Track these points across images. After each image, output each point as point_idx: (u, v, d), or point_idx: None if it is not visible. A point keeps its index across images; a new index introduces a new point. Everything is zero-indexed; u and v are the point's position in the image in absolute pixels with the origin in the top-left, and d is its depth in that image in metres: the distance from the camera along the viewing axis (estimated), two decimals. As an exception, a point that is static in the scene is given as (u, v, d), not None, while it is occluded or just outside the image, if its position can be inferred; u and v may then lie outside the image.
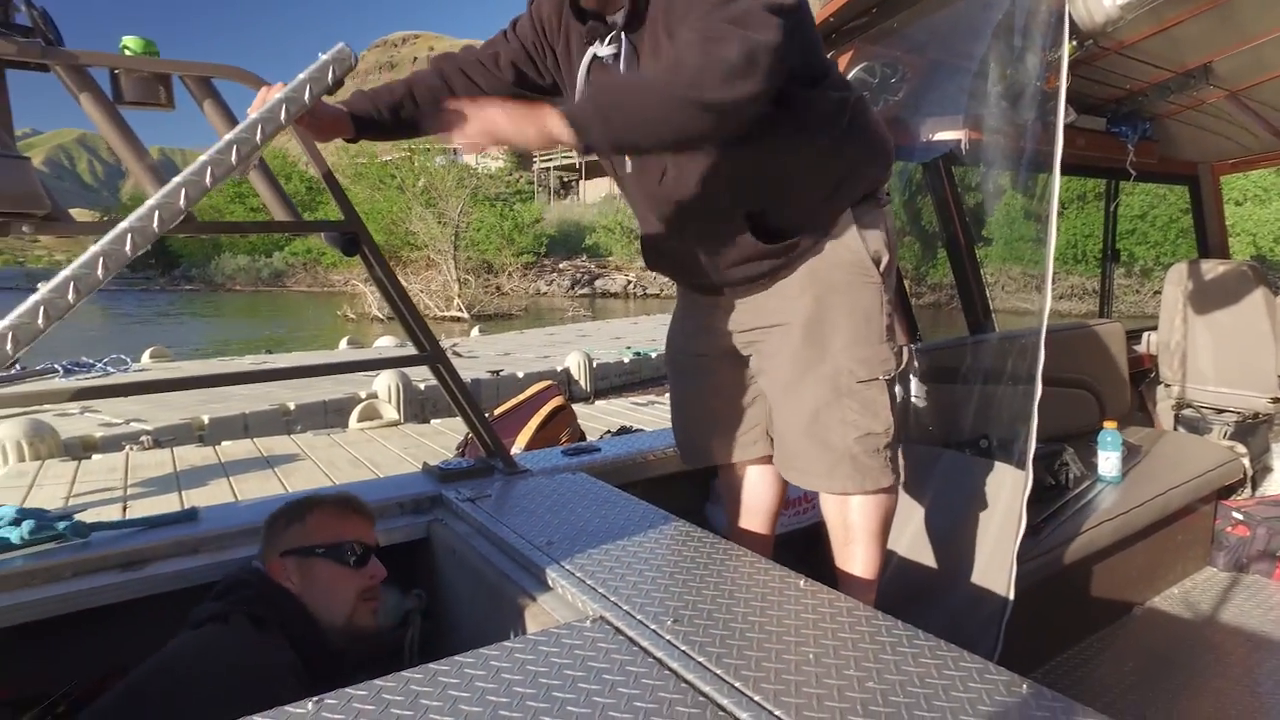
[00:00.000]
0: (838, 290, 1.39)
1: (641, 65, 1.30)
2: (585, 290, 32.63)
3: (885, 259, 1.42)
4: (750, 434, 1.59)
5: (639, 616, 1.04)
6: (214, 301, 31.26)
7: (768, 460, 1.61)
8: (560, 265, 34.34)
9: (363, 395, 7.19)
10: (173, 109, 1.39)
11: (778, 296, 1.44)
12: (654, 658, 0.95)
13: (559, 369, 9.41)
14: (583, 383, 9.41)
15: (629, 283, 31.92)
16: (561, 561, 1.23)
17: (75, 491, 4.56)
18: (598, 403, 7.87)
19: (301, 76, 1.08)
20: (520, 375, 8.92)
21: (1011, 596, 1.61)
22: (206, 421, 6.30)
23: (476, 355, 10.85)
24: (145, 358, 10.75)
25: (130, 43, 1.32)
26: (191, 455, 5.37)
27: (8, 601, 1.18)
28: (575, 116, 1.11)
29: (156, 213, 0.91)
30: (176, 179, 0.94)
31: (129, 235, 0.89)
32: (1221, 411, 3.13)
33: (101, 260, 0.86)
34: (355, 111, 1.43)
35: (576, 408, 4.36)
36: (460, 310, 22.34)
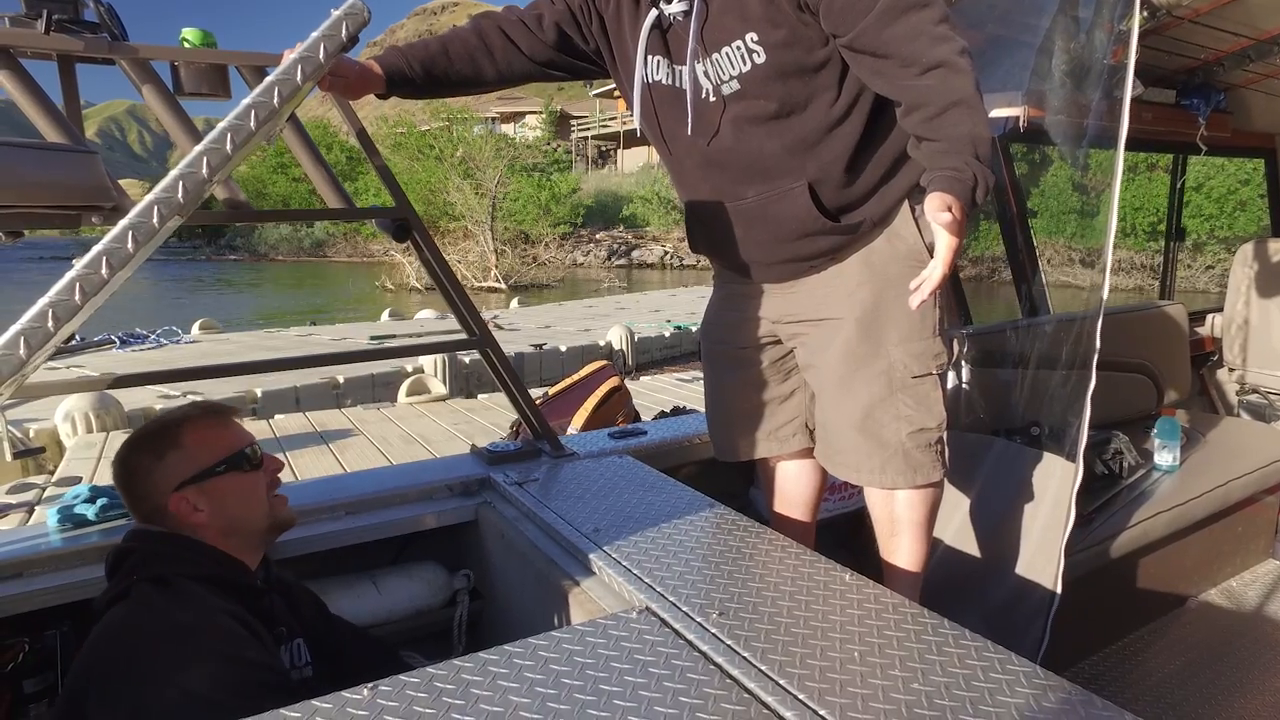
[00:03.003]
0: (893, 284, 1.36)
1: (711, 20, 1.28)
2: (622, 261, 32.54)
3: None
4: (788, 427, 1.58)
5: (684, 608, 1.06)
6: (258, 271, 31.90)
7: (807, 453, 1.60)
8: (597, 235, 34.25)
9: (409, 369, 7.33)
10: (229, 99, 1.42)
11: (828, 289, 1.42)
12: (699, 651, 0.96)
13: (601, 343, 9.44)
14: (625, 356, 9.44)
15: (665, 254, 31.72)
16: (607, 549, 1.24)
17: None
18: (642, 378, 7.89)
19: (315, 34, 1.07)
20: (563, 349, 8.99)
21: (1059, 590, 1.59)
22: (259, 394, 6.49)
23: (518, 328, 10.95)
24: (195, 329, 11.05)
25: (189, 34, 1.34)
26: (247, 428, 5.54)
27: (86, 575, 1.26)
28: (962, 178, 1.12)
29: (180, 183, 0.92)
30: (197, 148, 0.93)
31: (155, 207, 0.90)
32: None
33: (131, 234, 0.87)
34: (387, 68, 1.41)
35: (618, 383, 4.38)
36: (497, 281, 22.49)
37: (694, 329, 10.61)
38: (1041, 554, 1.67)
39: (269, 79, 0.99)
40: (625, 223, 34.60)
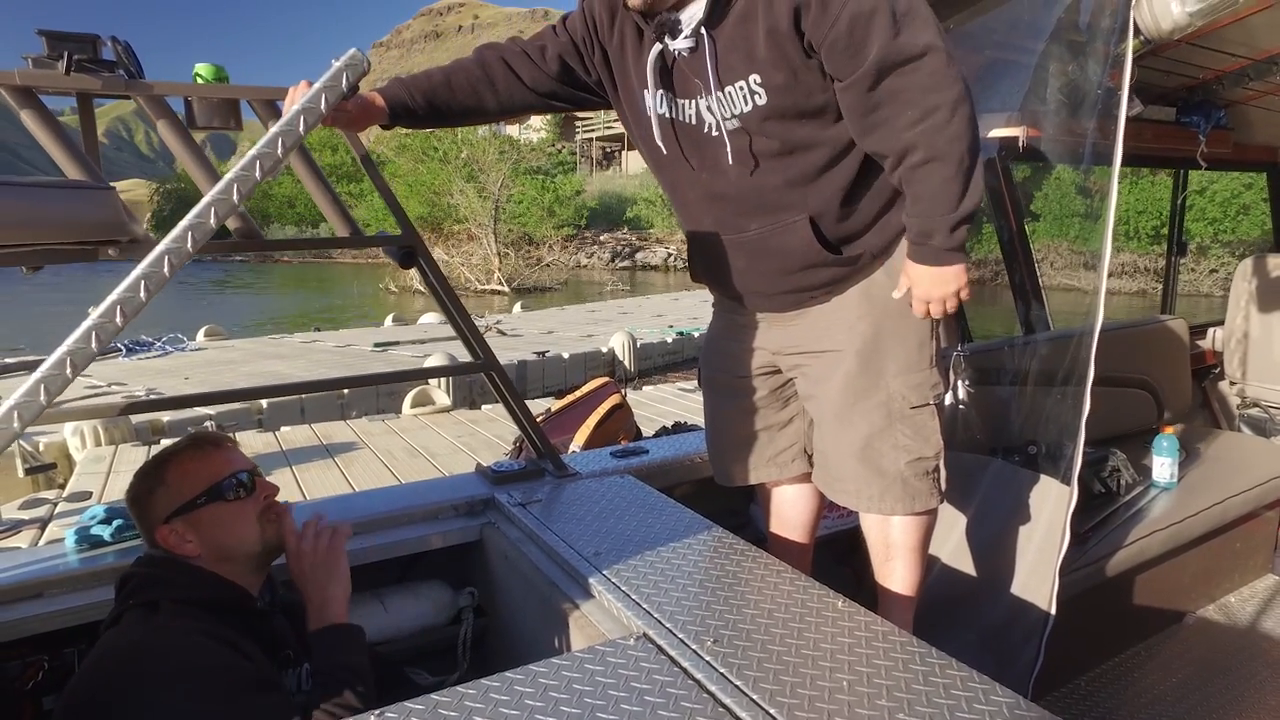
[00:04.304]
0: (893, 317, 1.39)
1: (721, 61, 1.30)
2: (626, 263, 32.63)
3: None
4: (787, 453, 1.61)
5: (680, 635, 1.09)
6: (263, 272, 31.98)
7: (805, 477, 1.63)
8: (601, 237, 34.30)
9: (413, 377, 7.37)
10: (241, 130, 1.46)
11: (829, 321, 1.44)
12: (694, 679, 0.99)
13: (604, 349, 9.47)
14: (627, 363, 9.47)
15: (669, 255, 31.78)
16: (607, 573, 1.28)
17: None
18: (645, 388, 7.90)
19: (317, 85, 1.13)
20: (566, 356, 9.02)
21: (1053, 610, 1.62)
22: (265, 406, 6.51)
23: (520, 333, 10.99)
24: (200, 336, 11.04)
25: (202, 70, 1.38)
26: (254, 441, 5.58)
27: (102, 596, 1.29)
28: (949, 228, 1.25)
29: (190, 234, 0.97)
30: (205, 199, 0.99)
31: (165, 256, 0.95)
32: None
33: (143, 283, 0.92)
34: (390, 100, 1.43)
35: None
36: (500, 284, 22.55)
37: (696, 334, 10.65)
38: (1036, 575, 1.70)
39: (273, 130, 1.04)
40: (629, 224, 34.65)
